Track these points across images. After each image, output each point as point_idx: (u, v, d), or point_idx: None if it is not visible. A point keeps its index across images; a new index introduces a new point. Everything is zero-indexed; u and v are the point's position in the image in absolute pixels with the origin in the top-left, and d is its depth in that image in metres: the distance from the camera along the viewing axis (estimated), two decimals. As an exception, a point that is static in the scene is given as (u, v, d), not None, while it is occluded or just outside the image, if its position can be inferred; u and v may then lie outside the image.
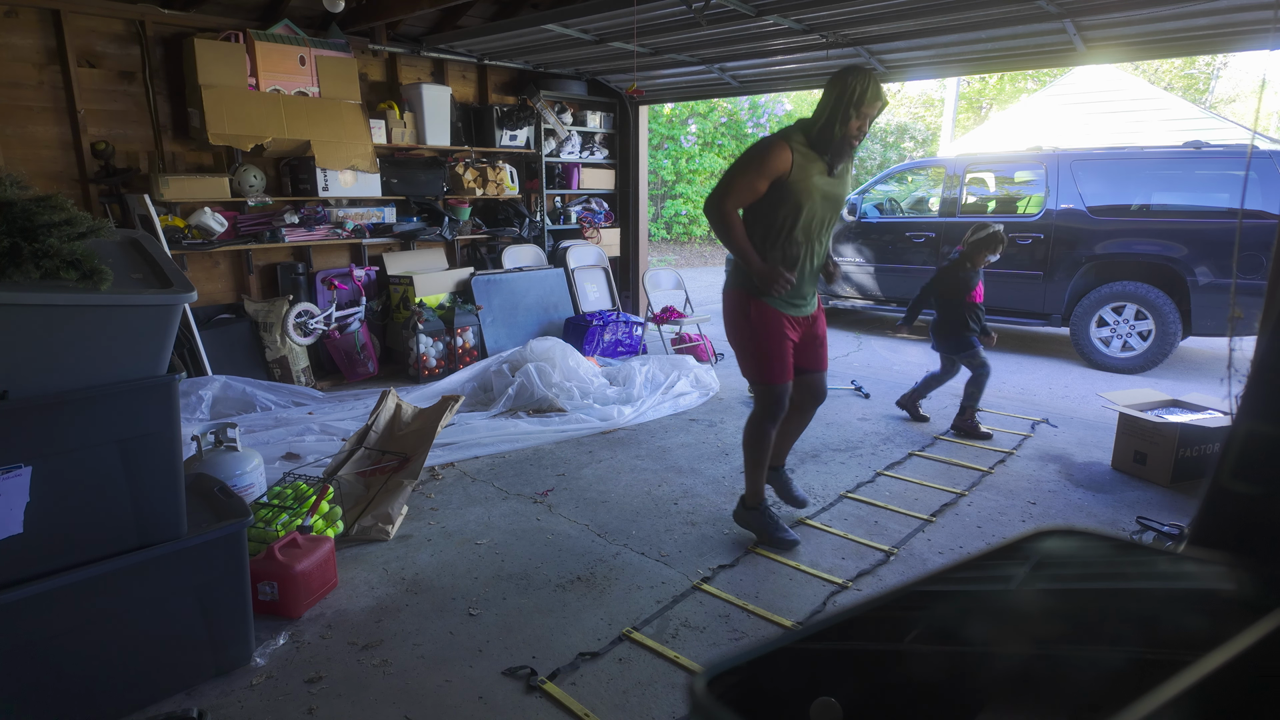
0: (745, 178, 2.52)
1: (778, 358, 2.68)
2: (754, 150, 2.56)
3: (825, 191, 2.59)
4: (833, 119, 2.52)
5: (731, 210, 2.55)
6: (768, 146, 2.53)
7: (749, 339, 2.70)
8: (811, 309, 2.80)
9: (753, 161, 2.52)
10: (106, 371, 1.70)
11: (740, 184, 2.53)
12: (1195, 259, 5.46)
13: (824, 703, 0.55)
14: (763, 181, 2.52)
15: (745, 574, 2.69)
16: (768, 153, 2.51)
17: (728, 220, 2.55)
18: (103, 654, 1.84)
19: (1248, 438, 0.66)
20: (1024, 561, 0.64)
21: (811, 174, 2.55)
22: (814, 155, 2.56)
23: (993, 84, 18.57)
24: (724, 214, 2.55)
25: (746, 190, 2.54)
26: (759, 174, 2.51)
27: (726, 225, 2.56)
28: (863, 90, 2.49)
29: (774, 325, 2.66)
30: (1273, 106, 14.82)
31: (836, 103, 2.51)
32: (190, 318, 4.50)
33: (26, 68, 4.02)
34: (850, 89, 2.49)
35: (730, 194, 2.53)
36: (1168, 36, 4.43)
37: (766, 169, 2.51)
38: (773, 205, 2.57)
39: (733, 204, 2.54)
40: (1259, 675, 0.45)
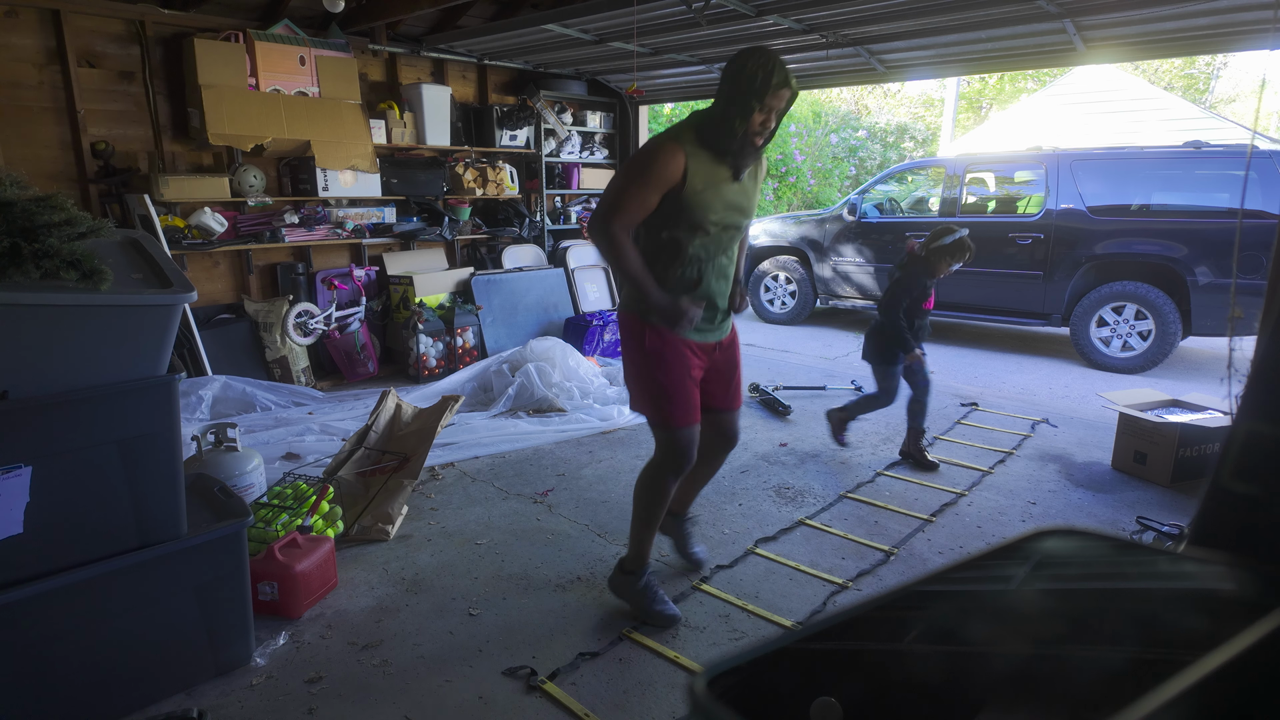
0: (632, 191, 2.07)
1: (680, 396, 2.22)
2: (639, 157, 2.11)
3: (729, 200, 2.16)
4: (729, 113, 2.06)
5: (620, 231, 2.09)
6: (655, 151, 2.07)
7: (644, 373, 2.24)
8: (723, 334, 2.35)
9: (639, 170, 2.08)
10: (107, 371, 1.70)
11: (627, 199, 2.08)
12: (1195, 259, 5.46)
13: (824, 703, 0.55)
14: (653, 194, 2.08)
15: (745, 574, 2.69)
16: (655, 159, 2.06)
17: (616, 243, 2.09)
18: (103, 654, 1.84)
19: (1248, 438, 0.66)
20: (1024, 561, 0.64)
21: (712, 180, 2.12)
22: (712, 158, 2.11)
23: (993, 84, 18.57)
24: (611, 236, 2.09)
25: (635, 206, 2.09)
26: (647, 185, 2.07)
27: (615, 249, 2.10)
28: (765, 77, 2.01)
29: (675, 357, 2.20)
30: (1273, 106, 14.82)
31: (733, 93, 2.05)
32: (190, 318, 4.50)
33: (26, 68, 4.02)
34: (749, 76, 2.02)
35: (616, 212, 2.08)
36: (1168, 36, 4.43)
37: (655, 178, 2.06)
38: (667, 221, 2.14)
39: (621, 223, 2.09)
40: (1259, 675, 0.45)
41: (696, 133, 2.12)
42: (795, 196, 16.11)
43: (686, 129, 2.14)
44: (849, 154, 16.77)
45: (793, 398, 4.83)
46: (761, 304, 8.08)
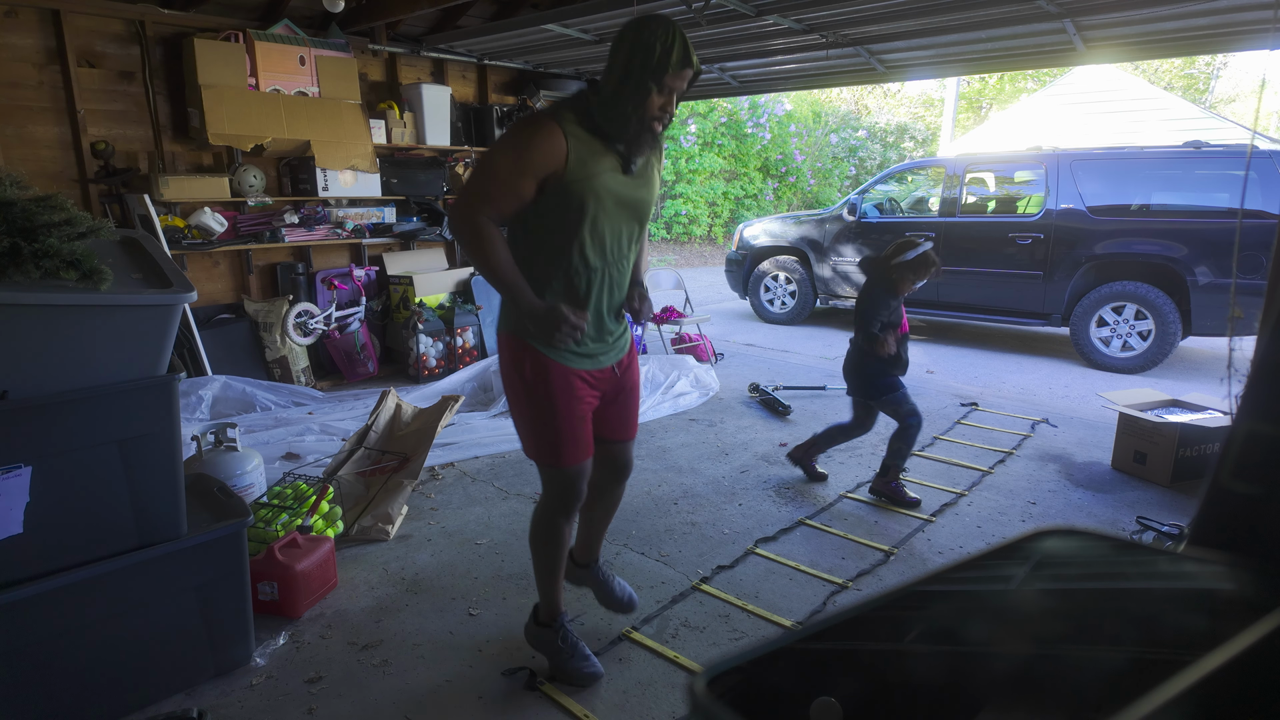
0: (504, 175, 1.70)
1: (568, 431, 1.89)
2: (512, 134, 1.73)
3: (621, 196, 1.81)
4: (622, 94, 1.70)
5: (488, 223, 1.72)
6: (532, 130, 1.70)
7: (528, 406, 1.89)
8: (620, 353, 2.00)
9: (511, 151, 1.71)
10: (106, 371, 1.70)
11: (499, 185, 1.71)
12: (1195, 259, 5.46)
13: (824, 703, 0.55)
14: (527, 181, 1.71)
15: (745, 574, 2.69)
16: (532, 139, 1.69)
17: (483, 236, 1.71)
18: (103, 654, 1.84)
19: (1248, 438, 0.66)
20: (1024, 561, 0.64)
21: (598, 171, 1.76)
22: (600, 145, 1.76)
23: (993, 84, 18.57)
24: (476, 228, 1.71)
25: (508, 194, 1.72)
26: (520, 170, 1.70)
27: (481, 244, 1.72)
28: (665, 52, 1.66)
29: (560, 387, 1.85)
30: (1273, 106, 14.82)
31: (627, 70, 1.68)
32: (190, 318, 4.49)
33: (26, 68, 4.02)
34: (646, 50, 1.66)
35: (485, 200, 1.71)
36: (1168, 36, 4.43)
37: (532, 161, 1.69)
38: (545, 219, 1.78)
39: (489, 214, 1.72)
40: (1259, 675, 0.45)
41: (578, 115, 1.75)
42: (795, 196, 16.11)
43: (566, 109, 1.76)
44: (849, 154, 16.78)
45: (793, 398, 4.83)
46: (761, 304, 8.08)
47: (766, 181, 15.52)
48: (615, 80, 1.71)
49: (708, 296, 9.55)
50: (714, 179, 14.52)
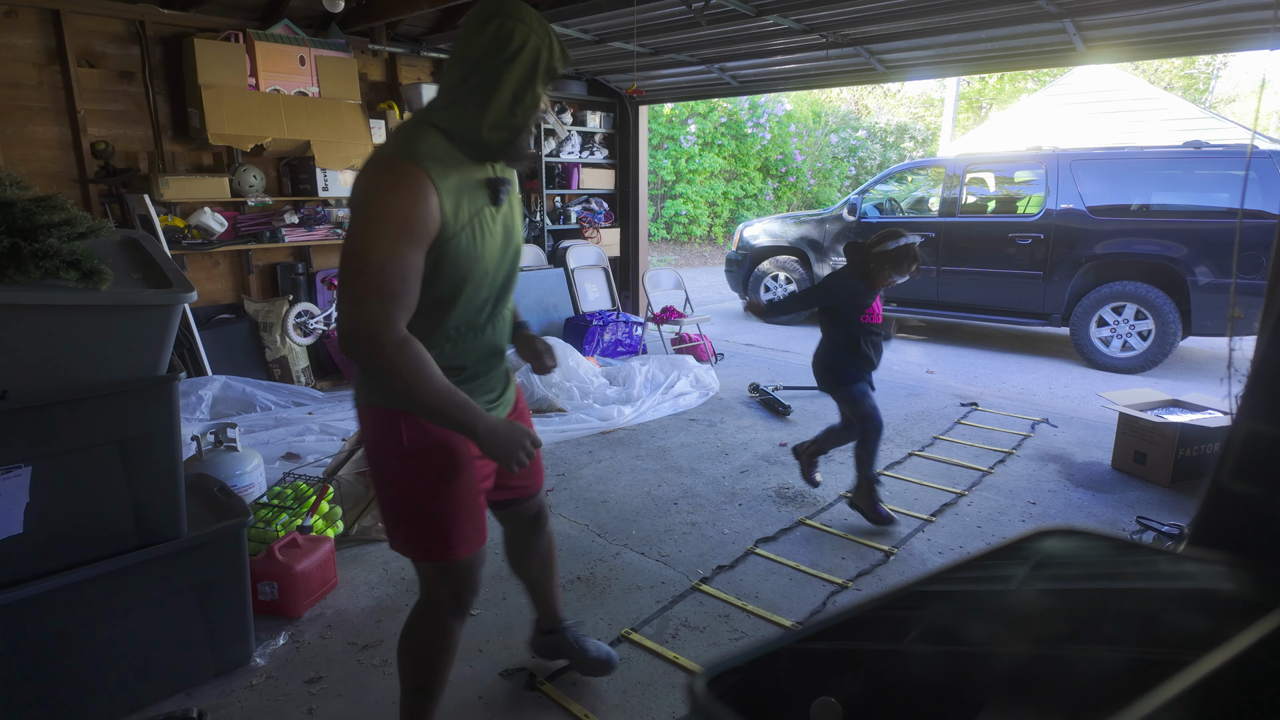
0: (393, 262, 1.29)
1: (464, 513, 1.54)
2: (377, 203, 1.30)
3: (499, 238, 1.48)
4: (498, 103, 1.38)
5: (408, 339, 1.32)
6: (396, 188, 1.30)
7: (405, 487, 1.51)
8: (508, 407, 1.67)
9: (386, 225, 1.29)
10: (106, 371, 1.70)
11: (390, 277, 1.29)
12: (1195, 259, 5.46)
13: (824, 703, 0.55)
14: (417, 254, 1.33)
15: (745, 574, 2.69)
16: (406, 202, 1.30)
17: (411, 361, 1.31)
18: (103, 654, 1.84)
19: (1248, 438, 0.66)
20: (1024, 561, 0.64)
21: (474, 211, 1.40)
22: (466, 172, 1.40)
23: (993, 84, 18.57)
24: (400, 349, 1.31)
25: (407, 280, 1.31)
26: (407, 242, 1.30)
27: (414, 368, 1.32)
28: (550, 50, 1.40)
29: (451, 460, 1.51)
30: (1273, 106, 14.82)
31: (500, 73, 1.36)
32: (190, 318, 4.49)
33: (26, 68, 4.02)
34: (534, 49, 1.38)
35: (387, 303, 1.29)
36: (1168, 36, 4.43)
37: (413, 231, 1.31)
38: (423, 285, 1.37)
39: (400, 319, 1.32)
40: (1259, 675, 0.45)
41: (431, 141, 1.37)
42: (795, 196, 16.11)
43: (417, 139, 1.35)
44: (849, 154, 16.78)
45: (793, 398, 4.83)
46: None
47: (766, 181, 15.52)
48: (487, 88, 1.37)
49: (708, 296, 9.55)
50: (714, 179, 14.52)
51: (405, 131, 1.38)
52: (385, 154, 1.34)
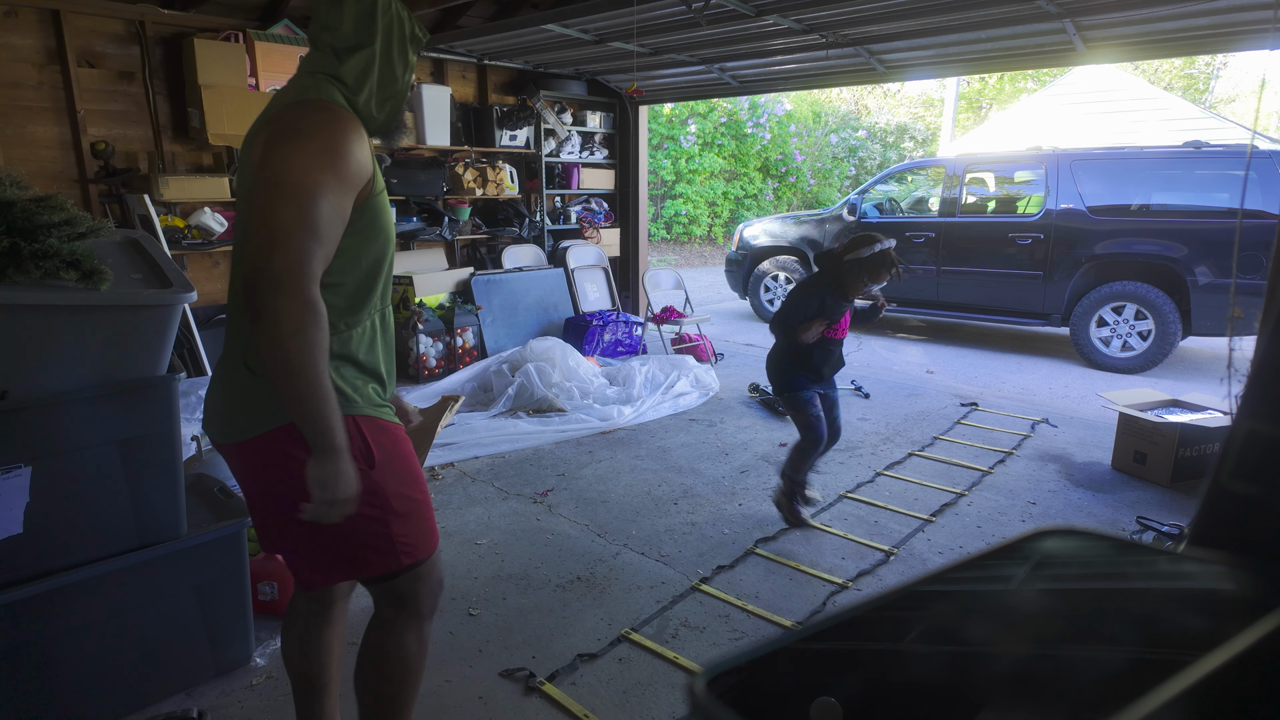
0: (326, 209, 1.15)
1: (429, 506, 1.44)
2: (318, 137, 1.18)
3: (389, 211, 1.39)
4: (391, 65, 1.33)
5: (319, 300, 1.15)
6: (341, 127, 1.21)
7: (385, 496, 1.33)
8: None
9: (328, 163, 1.17)
10: (107, 371, 1.70)
11: (322, 227, 1.15)
12: (1195, 259, 5.46)
13: (824, 703, 0.55)
14: (347, 207, 1.21)
15: (745, 574, 2.69)
16: (348, 140, 1.21)
17: (319, 326, 1.14)
18: (103, 654, 1.84)
19: (1248, 438, 0.66)
20: (1024, 561, 0.64)
21: (379, 176, 1.32)
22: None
23: (993, 84, 18.57)
24: (311, 310, 1.13)
25: (333, 236, 1.19)
26: (343, 191, 1.19)
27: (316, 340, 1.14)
28: (407, 16, 1.36)
29: (408, 448, 1.42)
30: (1273, 106, 14.82)
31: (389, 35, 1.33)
32: (190, 318, 4.49)
33: (26, 68, 4.02)
34: (402, 15, 1.35)
35: (308, 258, 1.13)
36: (1168, 36, 4.43)
37: (351, 177, 1.20)
38: (344, 253, 1.25)
39: (316, 278, 1.15)
40: (1259, 675, 0.45)
41: (349, 101, 1.29)
42: (795, 196, 16.12)
43: (334, 92, 1.27)
44: (849, 154, 16.78)
45: (793, 398, 4.83)
46: (761, 304, 8.08)
47: (766, 181, 15.52)
48: (381, 48, 1.30)
49: (708, 296, 9.56)
50: (714, 179, 14.51)
51: (316, 84, 1.27)
52: (310, 99, 1.23)
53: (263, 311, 1.09)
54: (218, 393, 1.36)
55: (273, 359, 1.12)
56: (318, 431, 1.17)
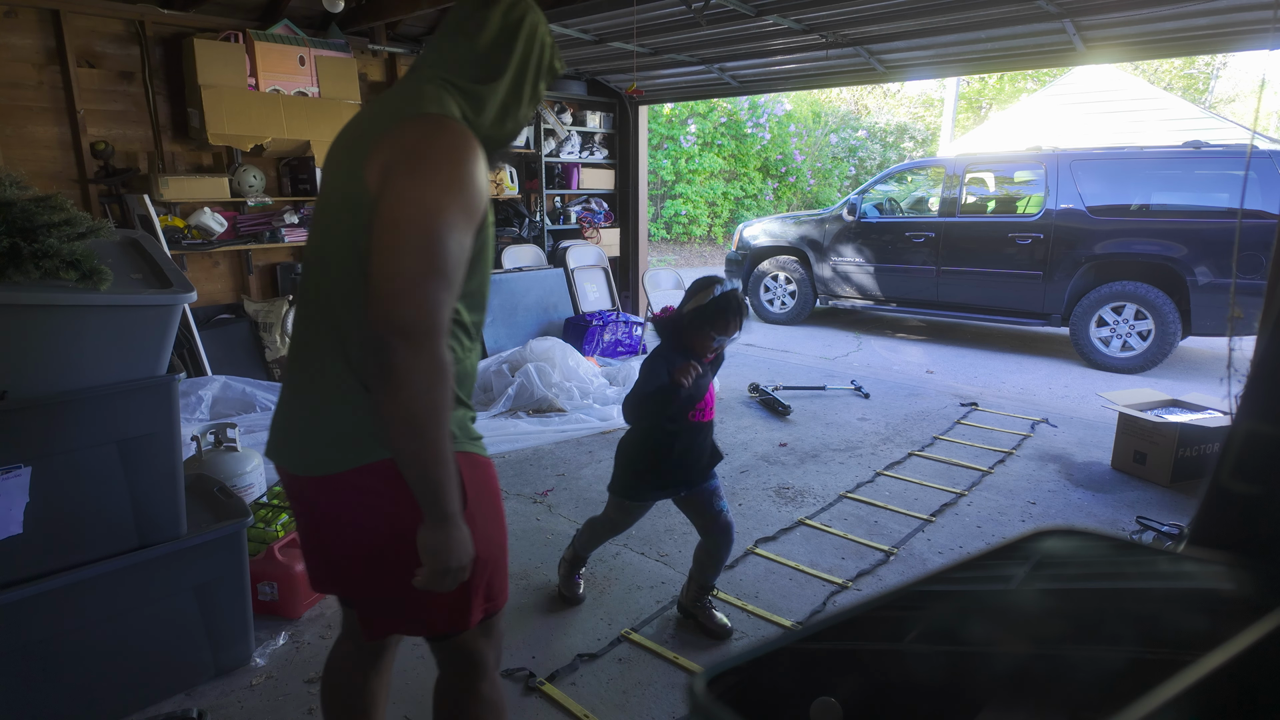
0: (459, 247, 1.07)
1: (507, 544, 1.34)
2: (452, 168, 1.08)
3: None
4: (519, 95, 1.26)
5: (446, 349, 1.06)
6: (471, 155, 1.10)
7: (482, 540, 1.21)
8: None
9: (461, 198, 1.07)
10: (106, 371, 1.70)
11: (455, 266, 1.07)
12: (1195, 259, 5.46)
13: (824, 703, 0.55)
14: (470, 238, 1.11)
15: (745, 574, 2.69)
16: (477, 170, 1.10)
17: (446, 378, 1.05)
18: (102, 654, 1.84)
19: (1248, 438, 0.66)
20: (1024, 561, 0.64)
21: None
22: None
23: (993, 84, 18.57)
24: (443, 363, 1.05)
25: (462, 269, 1.10)
26: (471, 224, 1.10)
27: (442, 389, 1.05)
28: (550, 43, 1.30)
29: (495, 480, 1.32)
30: (1273, 106, 14.83)
31: (524, 63, 1.25)
32: (190, 318, 4.49)
33: (26, 68, 4.02)
34: (541, 43, 1.27)
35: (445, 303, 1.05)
36: (1167, 36, 4.43)
37: (476, 209, 1.11)
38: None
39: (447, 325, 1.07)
40: (1259, 675, 0.45)
41: (467, 118, 1.19)
42: (795, 196, 16.12)
43: (451, 105, 1.16)
44: (849, 154, 16.79)
45: (792, 398, 4.83)
46: (761, 304, 8.08)
47: (766, 181, 15.52)
48: (515, 72, 1.24)
49: (708, 296, 9.54)
50: (714, 179, 14.51)
51: (437, 95, 1.15)
52: (434, 113, 1.11)
53: (390, 369, 1.01)
54: (303, 419, 1.21)
55: (397, 419, 1.04)
56: (435, 497, 1.09)
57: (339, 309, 1.15)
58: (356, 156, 1.12)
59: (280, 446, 1.26)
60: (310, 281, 1.23)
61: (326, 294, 1.18)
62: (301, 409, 1.22)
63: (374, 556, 1.20)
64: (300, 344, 1.23)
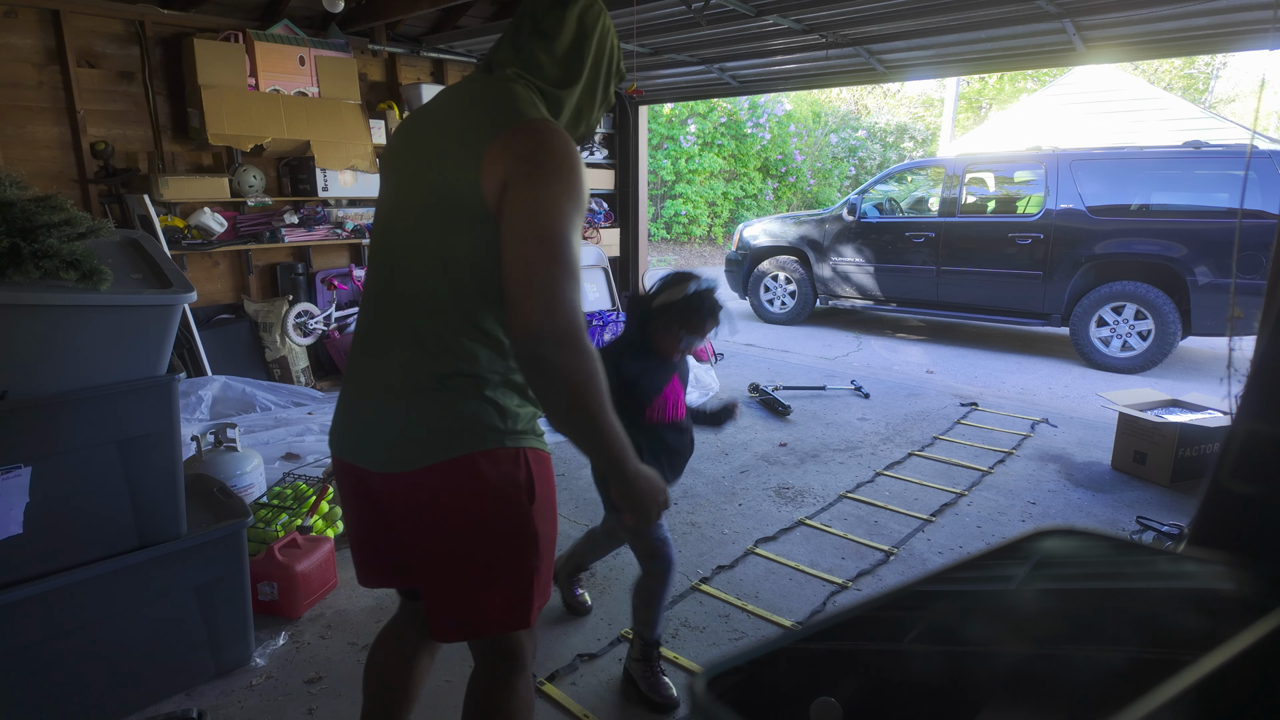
0: (577, 243, 1.12)
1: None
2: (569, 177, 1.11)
3: None
4: (594, 98, 1.30)
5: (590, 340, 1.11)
6: (580, 163, 1.14)
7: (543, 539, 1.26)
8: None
9: (577, 206, 1.12)
10: (106, 371, 1.70)
11: (578, 264, 1.11)
12: (1195, 259, 5.46)
13: (824, 703, 0.55)
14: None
15: (745, 574, 2.69)
16: (584, 179, 1.14)
17: (599, 368, 1.10)
18: (102, 654, 1.84)
19: (1248, 437, 0.66)
20: (1024, 561, 0.64)
21: None
22: None
23: (993, 84, 18.58)
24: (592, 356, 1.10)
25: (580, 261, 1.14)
26: (582, 222, 1.15)
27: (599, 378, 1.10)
28: (619, 53, 1.34)
29: (552, 473, 1.34)
30: (1272, 106, 14.83)
31: (597, 66, 1.28)
32: (190, 318, 4.49)
33: (26, 68, 4.02)
34: (612, 47, 1.30)
35: (580, 298, 1.10)
36: (1167, 36, 4.43)
37: (584, 211, 1.16)
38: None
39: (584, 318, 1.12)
40: (1259, 675, 0.45)
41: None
42: (795, 196, 16.12)
43: (539, 104, 1.20)
44: (849, 154, 16.79)
45: (793, 398, 4.83)
46: (761, 304, 8.08)
47: (766, 181, 15.52)
48: (591, 76, 1.26)
49: (708, 296, 9.54)
50: (714, 179, 14.51)
51: (528, 98, 1.17)
52: (537, 119, 1.13)
53: (551, 371, 1.06)
54: (380, 416, 1.21)
55: (568, 414, 1.11)
56: (617, 467, 1.18)
57: (425, 306, 1.16)
58: (462, 159, 1.12)
59: (352, 443, 1.26)
60: (386, 278, 1.22)
61: (410, 291, 1.18)
62: (377, 406, 1.22)
63: (450, 551, 1.21)
64: (375, 341, 1.23)
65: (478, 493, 1.17)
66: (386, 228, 1.24)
